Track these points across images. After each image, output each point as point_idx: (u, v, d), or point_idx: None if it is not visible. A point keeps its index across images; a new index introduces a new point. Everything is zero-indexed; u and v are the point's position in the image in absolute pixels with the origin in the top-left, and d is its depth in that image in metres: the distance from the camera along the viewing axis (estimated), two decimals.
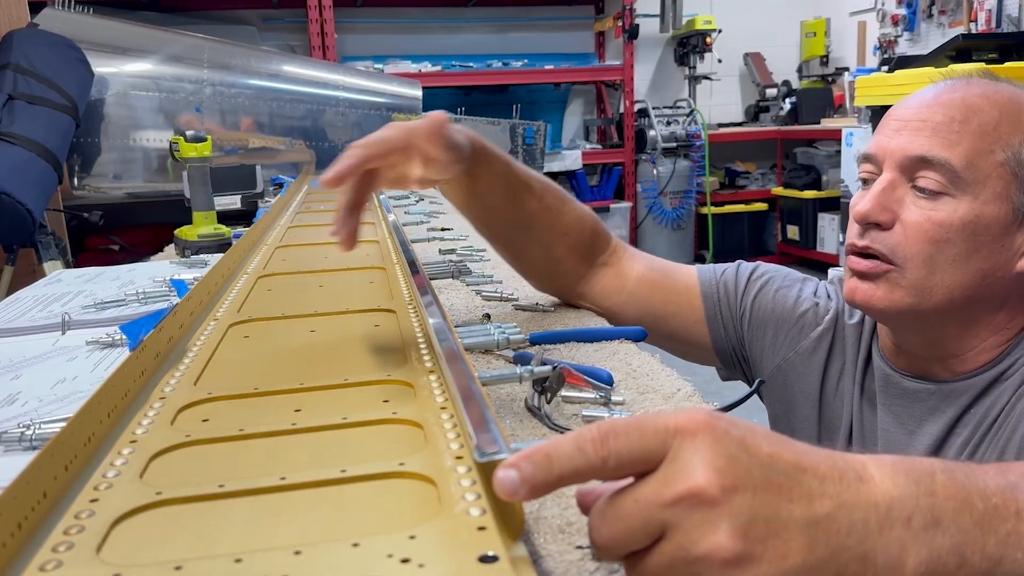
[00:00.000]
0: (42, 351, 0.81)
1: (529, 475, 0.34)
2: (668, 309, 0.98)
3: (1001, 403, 0.79)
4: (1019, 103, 0.78)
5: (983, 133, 0.75)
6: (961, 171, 0.74)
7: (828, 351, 0.94)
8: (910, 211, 0.77)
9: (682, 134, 4.93)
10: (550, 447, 0.35)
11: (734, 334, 0.99)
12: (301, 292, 0.89)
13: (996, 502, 0.40)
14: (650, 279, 0.98)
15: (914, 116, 0.78)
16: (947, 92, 0.79)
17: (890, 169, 0.79)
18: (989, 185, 0.75)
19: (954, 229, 0.75)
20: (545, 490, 0.35)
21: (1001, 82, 0.81)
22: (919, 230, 0.76)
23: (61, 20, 2.81)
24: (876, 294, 0.79)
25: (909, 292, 0.78)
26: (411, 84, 3.36)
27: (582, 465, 0.35)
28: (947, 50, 3.16)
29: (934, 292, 0.77)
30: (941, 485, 0.39)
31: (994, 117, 0.76)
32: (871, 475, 0.38)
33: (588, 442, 0.35)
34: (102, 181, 2.93)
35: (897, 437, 0.86)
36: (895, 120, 0.80)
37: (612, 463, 0.35)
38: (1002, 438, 0.77)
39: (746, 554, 0.33)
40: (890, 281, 0.78)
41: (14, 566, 0.36)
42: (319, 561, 0.36)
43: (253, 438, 0.50)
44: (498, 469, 0.35)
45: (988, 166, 0.75)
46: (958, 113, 0.76)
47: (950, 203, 0.75)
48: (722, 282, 1.00)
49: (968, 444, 0.80)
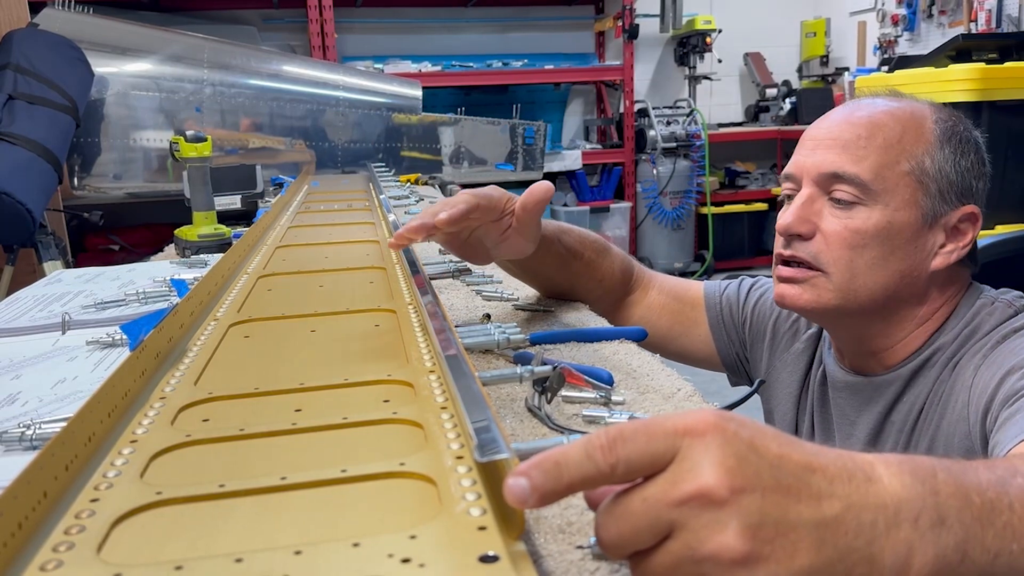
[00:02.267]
0: (42, 351, 0.81)
1: (539, 483, 0.34)
2: (677, 330, 1.10)
3: (925, 391, 0.85)
4: (920, 117, 0.85)
5: (888, 147, 0.83)
6: (870, 183, 0.82)
7: (813, 352, 1.02)
8: (828, 221, 0.85)
9: (682, 134, 4.93)
10: (559, 455, 0.35)
11: (737, 340, 1.09)
12: (301, 292, 0.89)
13: (991, 496, 0.41)
14: (659, 301, 1.10)
15: (825, 135, 0.86)
16: (855, 111, 0.86)
17: (808, 185, 0.86)
18: (898, 193, 0.82)
19: (869, 235, 0.83)
20: (555, 498, 0.35)
21: (904, 99, 0.89)
22: (838, 238, 0.84)
23: (61, 20, 2.81)
24: (803, 296, 0.87)
25: (835, 295, 0.85)
26: (411, 84, 3.36)
27: (591, 472, 0.35)
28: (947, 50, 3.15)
29: (858, 293, 0.85)
30: (943, 483, 0.40)
31: (897, 131, 0.83)
32: (879, 475, 0.38)
33: (596, 449, 0.35)
34: (102, 181, 2.93)
35: (842, 428, 0.94)
36: (809, 140, 0.88)
37: (621, 469, 0.35)
38: (931, 424, 0.83)
39: (754, 554, 0.33)
40: (816, 285, 0.86)
41: (15, 566, 0.36)
42: (319, 561, 0.36)
43: (253, 438, 0.50)
44: (508, 477, 0.35)
45: (895, 176, 0.82)
46: (864, 130, 0.84)
47: (863, 211, 0.83)
48: (725, 296, 1.10)
49: (902, 432, 0.86)
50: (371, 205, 1.59)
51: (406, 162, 3.21)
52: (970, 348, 0.82)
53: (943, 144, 0.83)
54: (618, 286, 1.07)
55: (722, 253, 5.11)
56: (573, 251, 0.98)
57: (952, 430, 0.80)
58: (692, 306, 1.10)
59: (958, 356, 0.83)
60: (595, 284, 1.03)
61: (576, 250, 0.99)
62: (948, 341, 0.85)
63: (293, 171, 2.59)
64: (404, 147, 3.21)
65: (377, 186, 1.89)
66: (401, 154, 3.21)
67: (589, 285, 1.03)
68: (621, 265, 1.07)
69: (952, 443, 0.79)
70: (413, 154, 3.24)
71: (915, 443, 0.85)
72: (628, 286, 1.09)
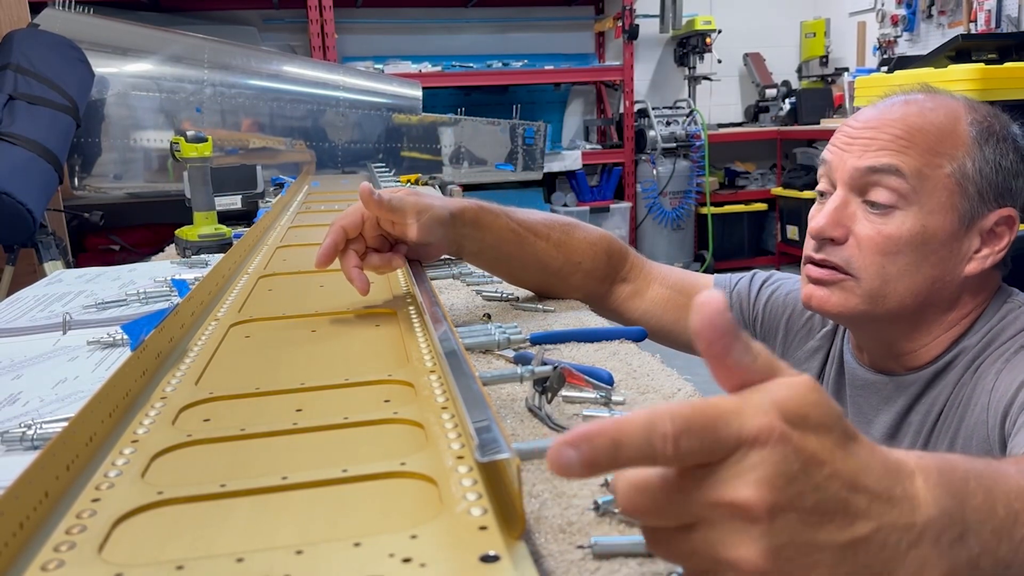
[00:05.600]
0: (43, 351, 0.81)
1: (590, 457, 0.32)
2: (684, 323, 1.05)
3: (946, 394, 0.84)
4: (955, 117, 0.83)
5: (928, 150, 0.81)
6: (910, 177, 0.80)
7: (828, 349, 1.00)
8: (862, 225, 0.83)
9: (682, 134, 4.93)
10: (616, 432, 0.32)
11: None
12: (302, 292, 0.90)
13: (1018, 507, 0.40)
14: (663, 296, 1.05)
15: (861, 133, 0.84)
16: (889, 112, 0.84)
17: (842, 186, 0.84)
18: (935, 196, 0.80)
19: (903, 241, 0.81)
20: (599, 472, 0.33)
21: (939, 95, 0.86)
22: (871, 243, 0.82)
23: (61, 20, 2.81)
24: (831, 299, 0.85)
25: (863, 299, 0.83)
26: (411, 84, 3.36)
27: (648, 458, 0.32)
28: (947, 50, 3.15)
29: (888, 299, 0.83)
30: (972, 494, 0.39)
31: (935, 135, 0.81)
32: (916, 491, 0.36)
33: (660, 437, 0.32)
34: (102, 181, 2.93)
35: (857, 426, 0.90)
36: (844, 136, 0.86)
37: (678, 461, 0.33)
38: (951, 426, 0.82)
39: (772, 571, 0.33)
40: (845, 289, 0.84)
41: (16, 565, 0.36)
42: (320, 561, 0.36)
43: (254, 438, 0.50)
44: (557, 443, 0.32)
45: (936, 177, 0.80)
46: (902, 132, 0.81)
47: (899, 216, 0.81)
48: (736, 291, 1.08)
49: (920, 433, 0.85)
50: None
51: (406, 162, 3.21)
52: (993, 352, 0.81)
53: (982, 145, 0.81)
54: (603, 268, 1.02)
55: (722, 253, 5.11)
56: (529, 228, 0.95)
57: (971, 433, 0.79)
58: None
59: (980, 359, 0.82)
60: (573, 268, 0.99)
61: (533, 228, 0.95)
62: (971, 344, 0.83)
63: (293, 171, 2.59)
64: (404, 147, 3.21)
65: (377, 186, 1.89)
66: (401, 154, 3.21)
67: (566, 270, 0.99)
68: (605, 247, 1.02)
69: (971, 446, 0.78)
70: (413, 154, 3.24)
71: (933, 444, 0.83)
72: (618, 271, 1.04)
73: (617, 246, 1.04)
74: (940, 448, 0.83)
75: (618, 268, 1.04)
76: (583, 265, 1.00)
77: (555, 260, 0.98)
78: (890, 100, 0.86)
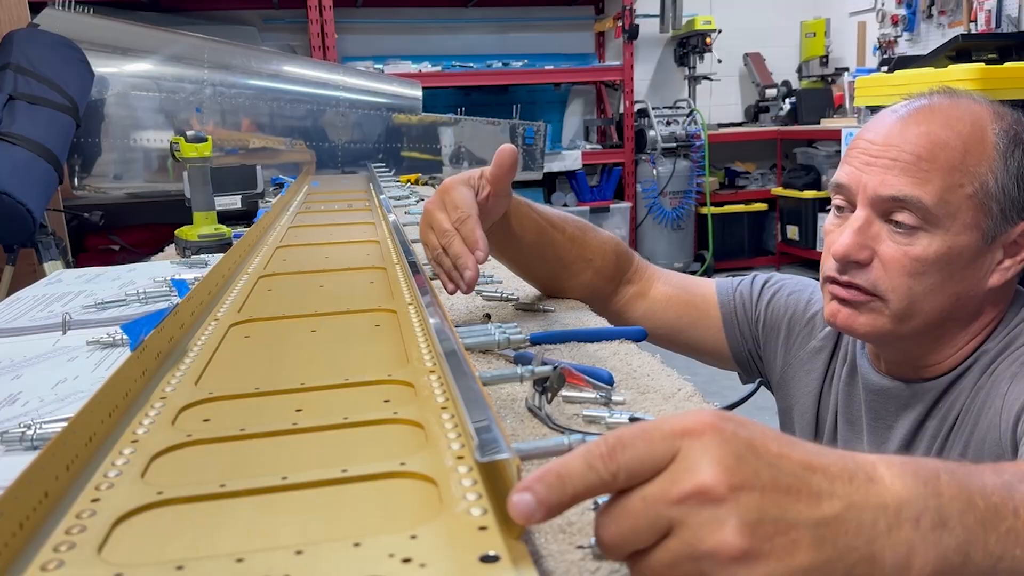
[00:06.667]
0: (43, 351, 0.81)
1: (544, 497, 0.34)
2: (685, 321, 1.07)
3: (963, 399, 0.83)
4: (981, 128, 0.80)
5: (951, 169, 0.78)
6: (933, 208, 0.77)
7: (832, 350, 1.00)
8: (887, 246, 0.81)
9: (682, 134, 4.93)
10: (560, 467, 0.35)
11: (750, 337, 1.07)
12: (302, 292, 0.89)
13: (995, 500, 0.41)
14: (667, 295, 1.08)
15: (882, 153, 0.80)
16: (911, 125, 0.80)
17: (863, 206, 0.82)
18: (959, 217, 0.78)
19: (929, 263, 0.79)
20: (560, 510, 0.35)
21: (962, 99, 0.83)
22: (897, 265, 0.80)
23: (61, 20, 2.81)
24: (858, 320, 0.84)
25: (891, 320, 0.82)
26: (411, 84, 3.36)
27: (594, 482, 0.35)
28: (947, 50, 3.16)
29: (914, 318, 0.82)
30: (946, 485, 0.40)
31: (959, 150, 0.78)
32: (881, 476, 0.38)
33: (597, 458, 0.35)
34: (102, 181, 2.93)
35: (876, 431, 0.92)
36: (862, 153, 0.82)
37: (623, 475, 0.35)
38: (966, 430, 0.82)
39: (753, 551, 0.33)
40: (872, 310, 0.83)
41: (16, 565, 0.36)
42: (320, 561, 0.36)
43: (254, 438, 0.50)
44: (512, 493, 0.35)
45: (958, 200, 0.78)
46: (924, 150, 0.78)
47: (925, 238, 0.79)
48: (738, 292, 1.08)
49: (936, 438, 0.85)
50: (371, 205, 1.60)
51: (406, 162, 3.21)
52: (1008, 356, 0.81)
53: (1007, 158, 0.79)
54: (611, 268, 1.04)
55: (722, 253, 5.11)
56: (550, 220, 0.98)
57: (984, 436, 0.79)
58: (703, 299, 1.08)
59: (996, 363, 0.82)
60: (584, 264, 1.01)
61: (552, 220, 0.99)
62: (990, 348, 0.83)
63: (293, 171, 2.59)
64: (404, 147, 3.21)
65: (377, 186, 1.89)
66: (401, 154, 3.21)
67: (578, 266, 1.01)
68: (614, 247, 1.05)
69: (983, 449, 0.78)
70: (413, 154, 3.24)
71: (949, 448, 0.83)
72: (624, 272, 1.06)
73: (624, 248, 1.07)
74: (955, 451, 0.82)
75: (624, 269, 1.06)
76: (594, 262, 1.02)
77: (569, 253, 1.00)
78: (910, 106, 0.83)
